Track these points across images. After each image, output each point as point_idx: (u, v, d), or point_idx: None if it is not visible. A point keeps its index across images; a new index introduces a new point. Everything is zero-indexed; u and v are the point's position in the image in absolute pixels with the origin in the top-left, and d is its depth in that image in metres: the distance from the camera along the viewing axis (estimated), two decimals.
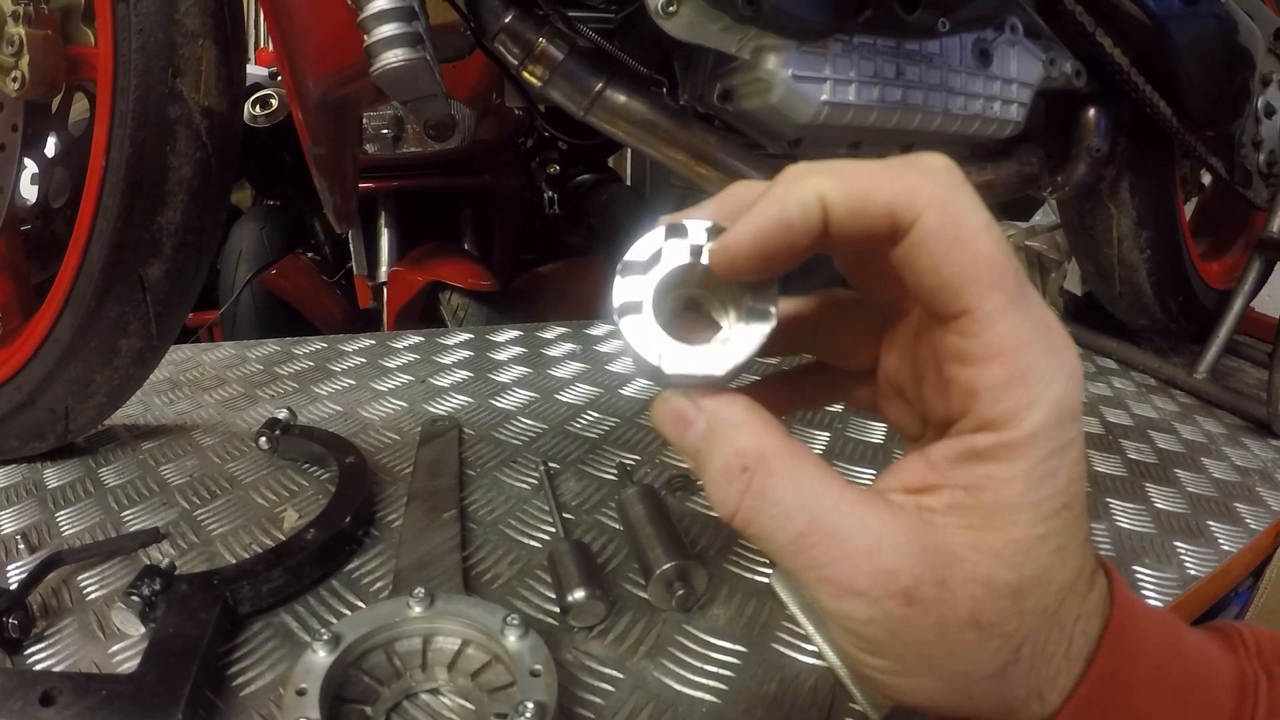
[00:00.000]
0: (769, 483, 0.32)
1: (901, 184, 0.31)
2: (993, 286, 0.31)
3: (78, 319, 0.81)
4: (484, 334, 1.45)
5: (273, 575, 0.66)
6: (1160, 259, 1.34)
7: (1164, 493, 0.94)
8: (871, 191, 0.31)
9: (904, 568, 0.31)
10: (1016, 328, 0.31)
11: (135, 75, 0.74)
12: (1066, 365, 0.32)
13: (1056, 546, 0.32)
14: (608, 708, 0.56)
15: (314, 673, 0.52)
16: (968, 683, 0.32)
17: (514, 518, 0.80)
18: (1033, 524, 0.31)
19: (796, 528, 0.32)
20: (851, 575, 0.31)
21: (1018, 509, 0.31)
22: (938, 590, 0.31)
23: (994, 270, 0.31)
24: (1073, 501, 0.32)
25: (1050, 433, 0.31)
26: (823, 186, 0.32)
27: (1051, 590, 0.32)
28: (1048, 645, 0.32)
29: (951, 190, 0.32)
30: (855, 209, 0.32)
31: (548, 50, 0.83)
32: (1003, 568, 0.31)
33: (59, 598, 0.67)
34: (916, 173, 0.32)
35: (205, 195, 0.80)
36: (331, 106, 0.94)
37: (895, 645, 0.32)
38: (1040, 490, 0.31)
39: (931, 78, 0.92)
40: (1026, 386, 0.31)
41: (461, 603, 0.58)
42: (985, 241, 0.31)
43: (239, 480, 0.87)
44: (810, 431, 1.03)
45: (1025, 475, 0.31)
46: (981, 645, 0.32)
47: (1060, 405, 0.31)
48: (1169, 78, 1.11)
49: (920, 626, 0.31)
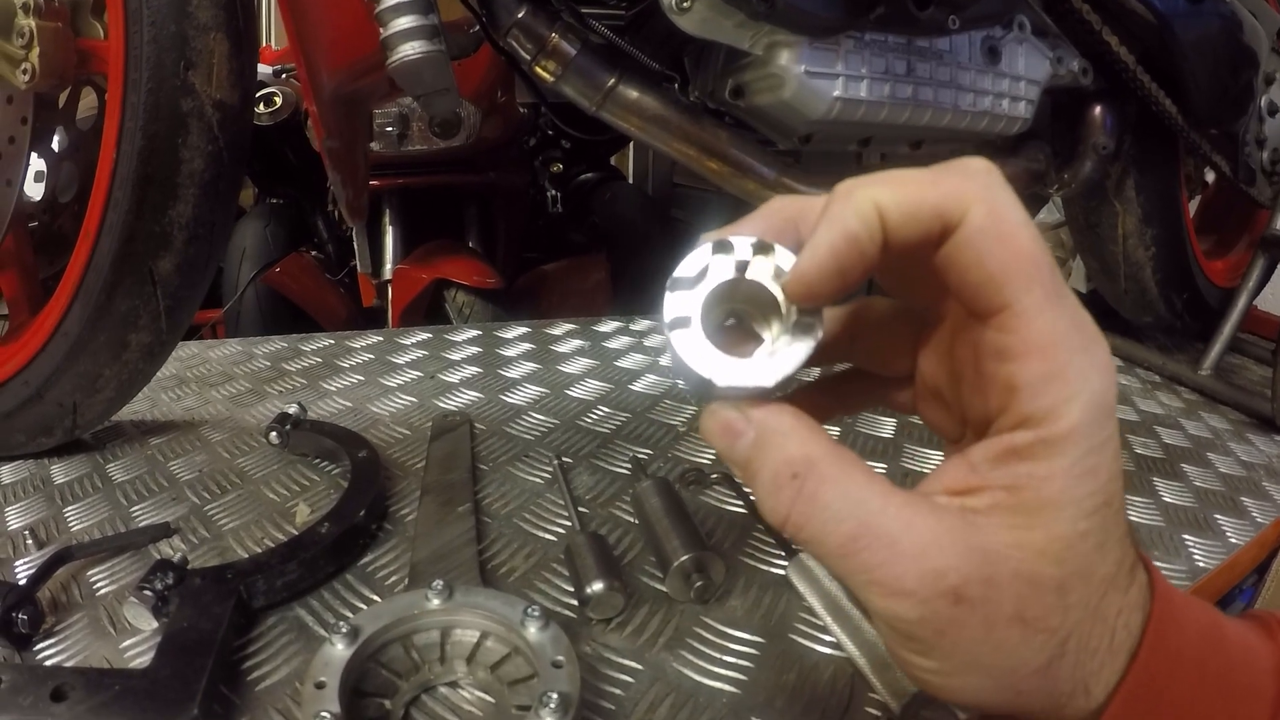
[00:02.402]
0: (819, 488, 0.33)
1: (948, 186, 0.32)
2: (1033, 281, 0.32)
3: (87, 312, 0.80)
4: (492, 330, 1.45)
5: (287, 569, 0.65)
6: (1165, 256, 1.35)
7: (1171, 487, 0.95)
8: (922, 195, 0.32)
9: (951, 567, 0.32)
10: (1055, 323, 0.32)
11: (147, 68, 0.74)
12: (1102, 362, 0.33)
13: (1098, 543, 0.33)
14: (628, 699, 0.56)
15: (332, 665, 0.51)
16: (1015, 679, 0.33)
17: (528, 511, 0.80)
18: (1074, 520, 0.32)
19: (847, 531, 0.32)
20: (901, 576, 0.32)
21: (1059, 506, 0.32)
22: (984, 589, 0.32)
23: (1034, 265, 0.32)
24: (1112, 498, 0.33)
25: (1089, 429, 0.32)
26: (877, 195, 0.33)
27: (1094, 585, 0.33)
28: (1091, 639, 0.33)
29: (994, 189, 0.33)
30: (910, 213, 0.32)
31: (560, 46, 0.83)
32: (1046, 564, 0.32)
33: (68, 593, 0.66)
34: (961, 175, 0.33)
35: (217, 188, 0.80)
36: (345, 100, 0.95)
37: (944, 644, 0.32)
38: (1081, 487, 0.32)
39: (941, 74, 0.93)
40: (1066, 382, 0.32)
41: (480, 595, 0.58)
42: (1026, 238, 0.32)
43: (249, 475, 0.87)
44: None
45: (1066, 472, 0.32)
46: (1027, 641, 0.32)
47: (1098, 401, 0.32)
48: (1174, 76, 1.12)
49: (968, 625, 0.32)
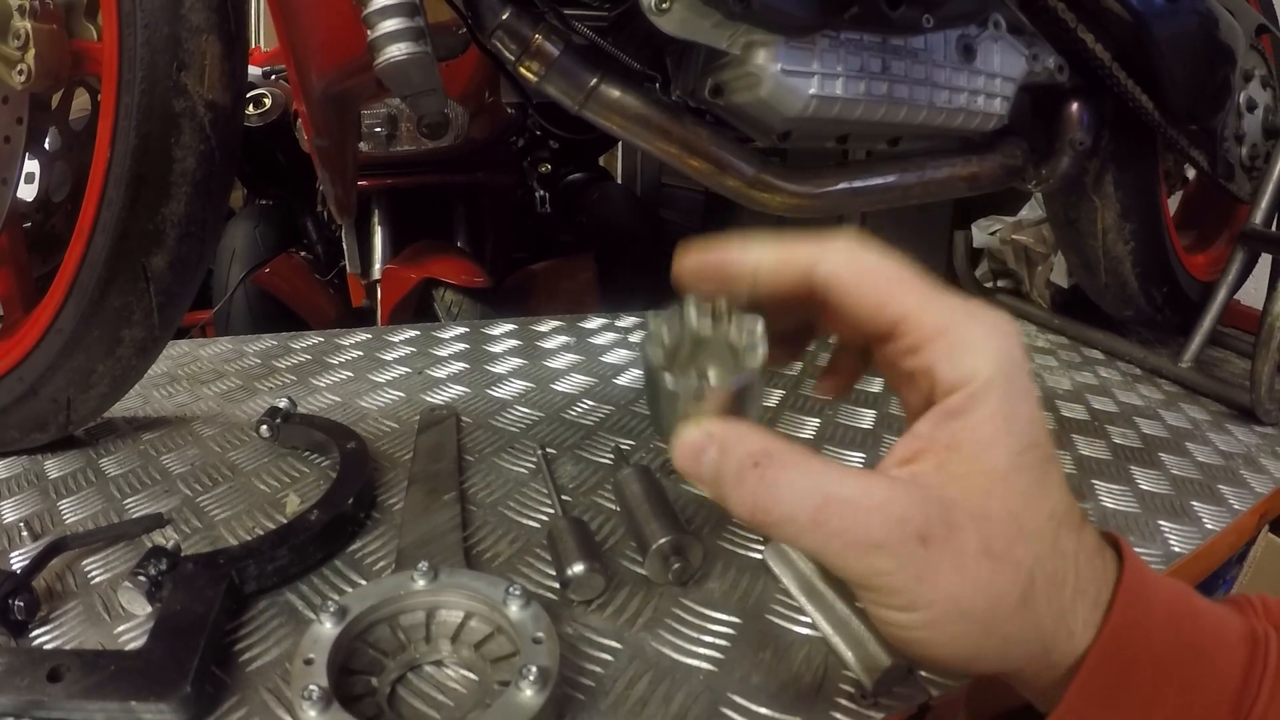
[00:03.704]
0: (780, 473, 0.36)
1: (809, 248, 0.42)
2: (907, 291, 0.39)
3: (81, 309, 0.82)
4: (479, 327, 1.46)
5: (278, 554, 0.67)
6: (1144, 250, 1.36)
7: (1148, 475, 0.96)
8: (792, 253, 0.42)
9: (912, 515, 0.35)
10: (941, 311, 0.39)
11: (140, 69, 0.75)
12: (994, 324, 0.39)
13: (1034, 478, 0.37)
14: (607, 676, 0.57)
15: (321, 643, 0.53)
16: (997, 619, 0.36)
17: (513, 500, 0.81)
18: (1008, 457, 0.37)
19: (813, 503, 0.36)
20: (869, 530, 0.35)
21: (990, 445, 0.37)
22: (946, 529, 0.35)
23: (901, 280, 0.40)
24: (1038, 440, 0.38)
25: (1003, 379, 0.37)
26: (759, 253, 0.43)
27: (1043, 518, 0.37)
28: (1057, 572, 0.37)
29: (848, 244, 0.41)
30: (780, 262, 0.42)
31: (544, 46, 0.84)
32: (993, 500, 0.36)
33: (63, 582, 0.68)
34: (824, 241, 0.42)
35: (209, 188, 0.82)
36: (333, 100, 0.96)
37: (924, 590, 0.35)
38: (1008, 429, 0.37)
39: (916, 72, 0.94)
40: (968, 346, 0.38)
41: (464, 576, 0.60)
42: (887, 265, 0.40)
43: (240, 468, 0.88)
44: (801, 418, 1.06)
45: (991, 418, 0.37)
46: (998, 574, 0.36)
47: (1004, 355, 0.38)
48: (1151, 73, 1.13)
49: (941, 566, 0.35)
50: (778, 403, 1.12)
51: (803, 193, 0.97)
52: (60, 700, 0.52)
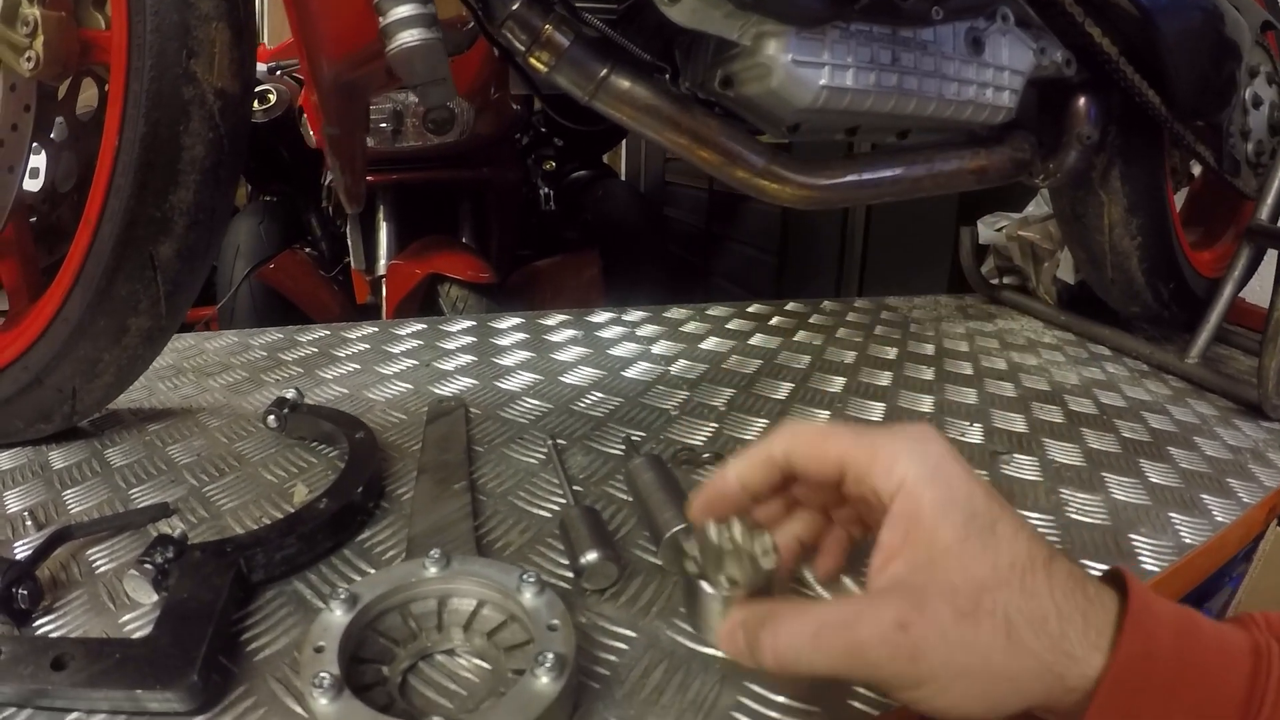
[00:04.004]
0: (781, 624, 0.45)
1: (766, 442, 0.52)
2: (839, 438, 0.49)
3: (88, 297, 0.82)
4: (486, 321, 1.46)
5: (286, 543, 0.66)
6: (1151, 245, 1.36)
7: (1158, 468, 0.96)
8: (757, 454, 0.53)
9: (887, 612, 0.42)
10: (868, 441, 0.48)
11: (150, 56, 0.75)
12: (914, 435, 0.47)
13: (982, 541, 0.43)
14: (623, 665, 0.57)
15: (331, 631, 0.52)
16: (994, 666, 0.40)
17: (523, 490, 0.81)
18: (953, 531, 0.43)
19: (811, 635, 0.43)
20: (857, 636, 0.42)
21: (936, 529, 0.43)
22: (919, 611, 0.41)
23: (834, 433, 0.50)
24: (977, 509, 0.44)
25: (928, 474, 0.45)
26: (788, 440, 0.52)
27: (1004, 569, 0.42)
28: (1033, 610, 0.41)
29: (792, 425, 0.53)
30: (756, 467, 0.53)
31: (554, 37, 0.84)
32: (953, 572, 0.42)
33: (68, 571, 0.67)
34: (774, 433, 0.52)
35: (217, 176, 0.81)
36: (344, 89, 0.96)
37: (921, 668, 0.40)
38: (946, 511, 0.43)
39: (925, 64, 0.94)
40: (894, 459, 0.46)
41: (477, 563, 0.60)
42: (821, 428, 0.52)
43: (247, 458, 0.88)
44: (811, 410, 1.06)
45: (930, 508, 0.44)
46: (977, 629, 0.40)
47: (924, 455, 0.46)
48: (1157, 68, 1.13)
49: (926, 644, 0.40)
50: (786, 395, 1.12)
51: (812, 184, 0.97)
52: (64, 689, 0.51)
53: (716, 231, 3.79)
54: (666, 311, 1.57)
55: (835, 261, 2.73)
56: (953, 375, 1.27)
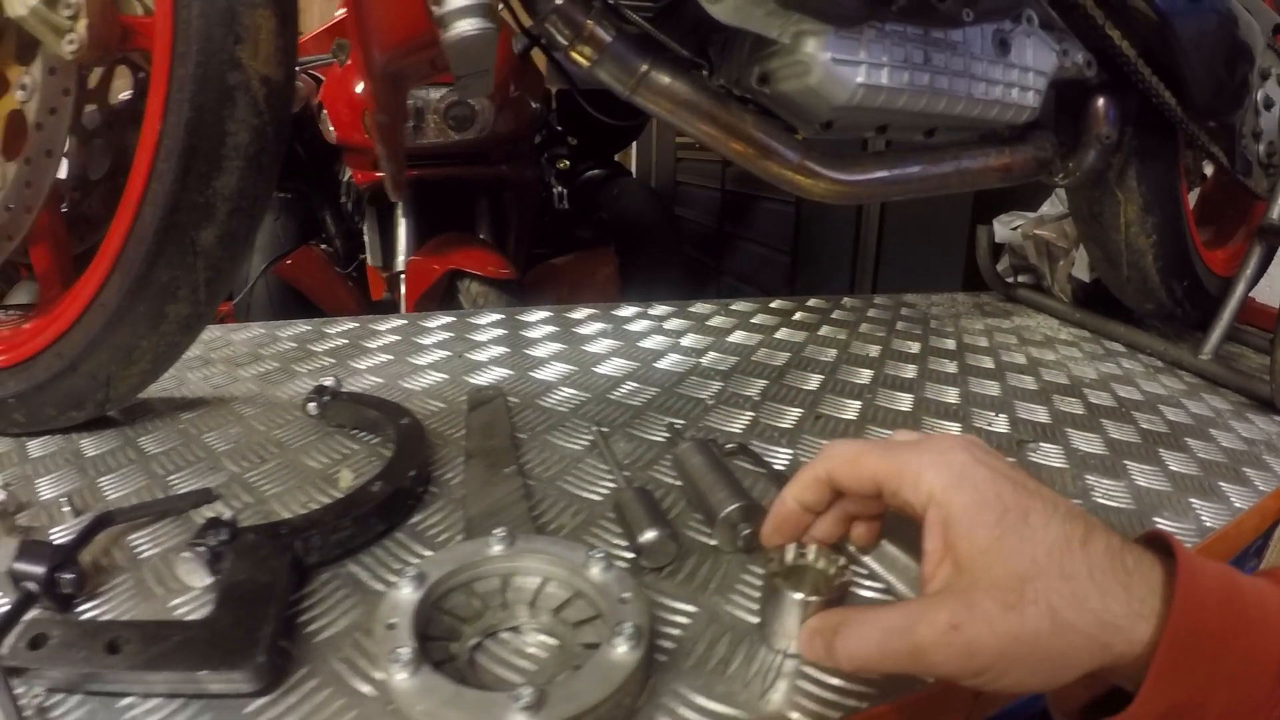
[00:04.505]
0: (850, 631, 0.49)
1: (811, 466, 0.57)
2: (869, 456, 0.53)
3: (127, 283, 0.81)
4: (514, 314, 1.48)
5: (341, 525, 0.66)
6: (1166, 244, 1.38)
7: (1177, 457, 0.99)
8: (807, 477, 0.57)
9: (940, 615, 0.45)
10: (895, 457, 0.51)
11: (196, 41, 0.75)
12: (938, 446, 0.50)
13: (1016, 536, 0.45)
14: (687, 638, 0.58)
15: (402, 607, 0.52)
16: (1041, 648, 0.43)
17: (570, 475, 0.82)
18: (988, 532, 0.46)
19: (877, 641, 0.47)
20: (918, 640, 0.45)
21: (972, 532, 0.46)
22: (968, 610, 0.44)
23: (867, 451, 0.53)
24: (1008, 506, 0.46)
25: (955, 482, 0.48)
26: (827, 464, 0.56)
27: (1040, 561, 0.44)
28: (1074, 593, 0.43)
29: (833, 447, 0.56)
30: (808, 489, 0.57)
31: (596, 32, 0.86)
32: (994, 569, 0.45)
33: (110, 557, 0.66)
34: (820, 457, 0.56)
35: (260, 162, 0.81)
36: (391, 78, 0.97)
37: (979, 660, 0.44)
38: (978, 514, 0.46)
39: (955, 64, 0.96)
40: (921, 472, 0.49)
41: (541, 541, 0.60)
42: (857, 446, 0.54)
43: (287, 445, 0.88)
44: (843, 400, 1.08)
45: (962, 513, 0.47)
46: (1022, 619, 0.43)
47: (948, 464, 0.49)
48: (1173, 70, 1.16)
49: (980, 640, 0.43)
50: (817, 386, 1.14)
51: (844, 180, 0.99)
52: (119, 672, 0.51)
53: (729, 231, 3.79)
54: (691, 306, 1.59)
55: (849, 261, 2.73)
56: (975, 369, 1.29)
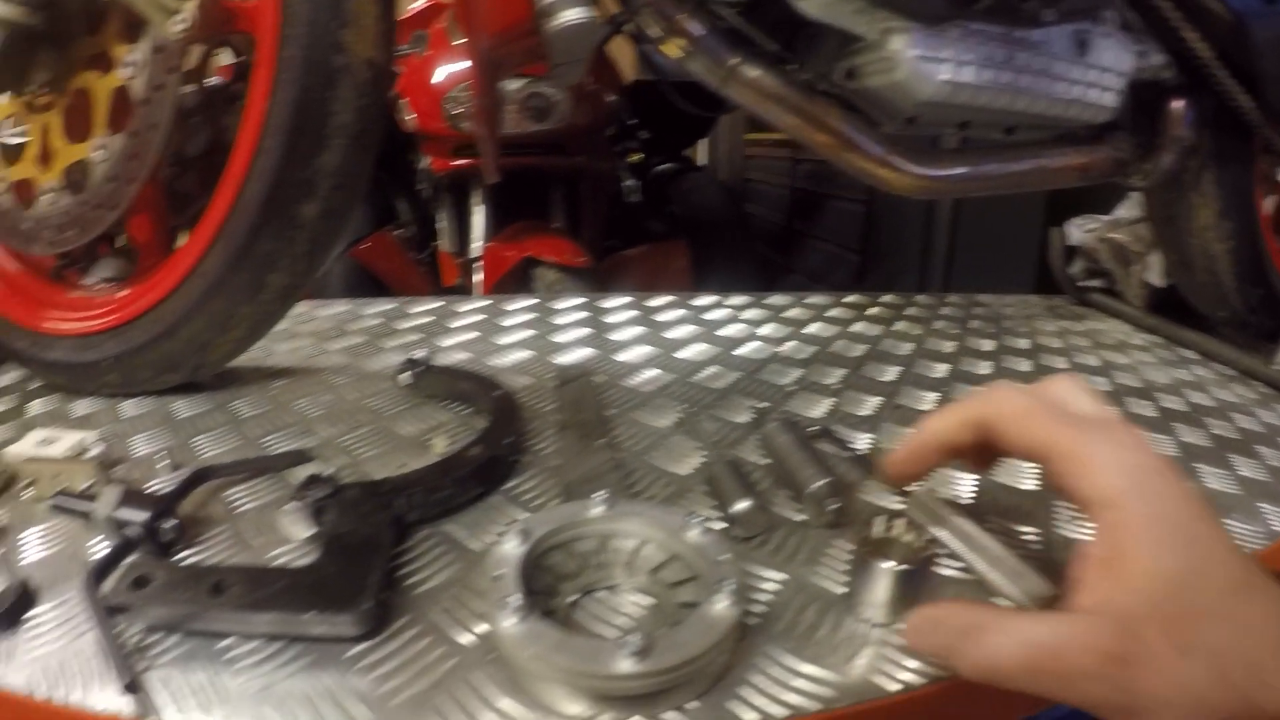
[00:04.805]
0: (988, 638, 0.44)
1: (977, 403, 0.54)
2: (1043, 424, 0.49)
3: (229, 253, 0.86)
4: (594, 301, 1.51)
5: (441, 485, 0.69)
6: (1241, 250, 1.38)
7: (1247, 463, 0.98)
8: (964, 414, 0.55)
9: (1104, 643, 0.41)
10: (1072, 437, 0.47)
11: (302, 24, 0.80)
12: (1121, 441, 0.47)
13: (1200, 573, 0.42)
14: (778, 604, 0.60)
15: (508, 560, 0.54)
16: (1201, 699, 0.40)
17: (659, 450, 0.84)
18: (1173, 558, 0.42)
19: (1024, 656, 0.43)
20: (1077, 667, 0.41)
21: (1155, 552, 0.42)
22: (1138, 644, 0.40)
23: (1040, 415, 0.50)
24: (1195, 536, 0.43)
25: (1136, 490, 0.44)
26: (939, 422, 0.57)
27: (1216, 603, 0.41)
28: (1244, 649, 0.40)
29: (1006, 391, 0.53)
30: (960, 427, 0.55)
31: (688, 26, 0.89)
32: (1170, 602, 0.41)
33: (208, 510, 0.69)
34: (986, 395, 0.54)
35: (361, 142, 0.86)
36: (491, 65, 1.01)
37: (1135, 700, 0.40)
38: (1157, 532, 0.43)
39: (1036, 64, 0.98)
40: (1098, 467, 0.45)
41: (640, 505, 0.63)
42: (1031, 405, 0.51)
43: (380, 413, 0.91)
44: (920, 393, 1.10)
45: (1140, 526, 0.43)
46: (1194, 664, 0.40)
47: (1132, 467, 0.45)
48: (1250, 72, 1.16)
49: (1144, 680, 0.40)
50: (896, 378, 1.16)
51: (927, 175, 1.01)
52: (223, 612, 0.52)
53: (798, 228, 3.78)
54: (767, 298, 1.60)
55: (918, 260, 2.72)
56: (1049, 369, 1.30)
